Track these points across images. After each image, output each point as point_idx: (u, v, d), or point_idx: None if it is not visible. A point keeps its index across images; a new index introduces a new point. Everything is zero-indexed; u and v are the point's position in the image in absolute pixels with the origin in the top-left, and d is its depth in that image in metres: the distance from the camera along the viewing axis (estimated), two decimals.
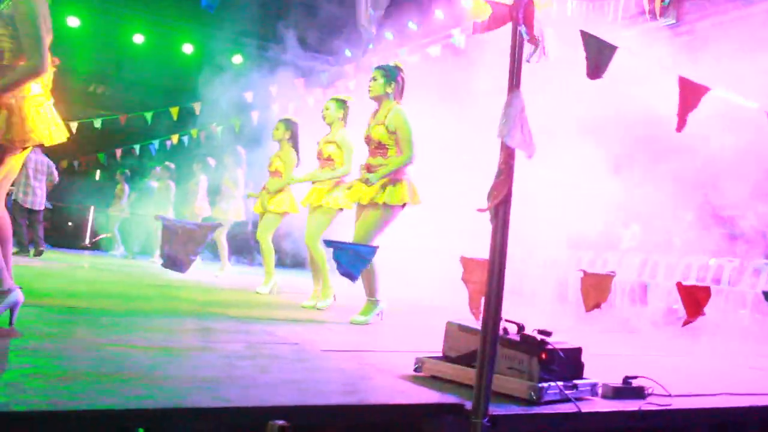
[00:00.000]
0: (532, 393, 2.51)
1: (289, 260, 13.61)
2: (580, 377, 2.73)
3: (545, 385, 2.53)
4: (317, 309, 5.34)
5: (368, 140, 4.75)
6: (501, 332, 2.71)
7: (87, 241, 14.00)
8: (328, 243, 4.34)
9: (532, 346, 2.61)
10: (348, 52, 13.87)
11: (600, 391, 2.78)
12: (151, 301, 4.98)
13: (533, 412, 2.43)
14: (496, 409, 2.36)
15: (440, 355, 2.92)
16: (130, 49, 15.03)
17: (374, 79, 4.79)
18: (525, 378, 2.59)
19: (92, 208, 14.39)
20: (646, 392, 2.83)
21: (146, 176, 12.66)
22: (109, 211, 13.01)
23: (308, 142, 6.58)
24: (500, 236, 2.28)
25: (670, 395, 2.85)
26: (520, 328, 2.77)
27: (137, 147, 14.29)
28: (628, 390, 2.79)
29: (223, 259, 9.09)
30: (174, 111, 13.01)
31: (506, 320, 2.80)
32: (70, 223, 15.47)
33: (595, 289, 2.74)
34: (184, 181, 10.94)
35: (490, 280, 2.27)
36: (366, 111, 4.98)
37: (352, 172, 5.36)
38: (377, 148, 4.70)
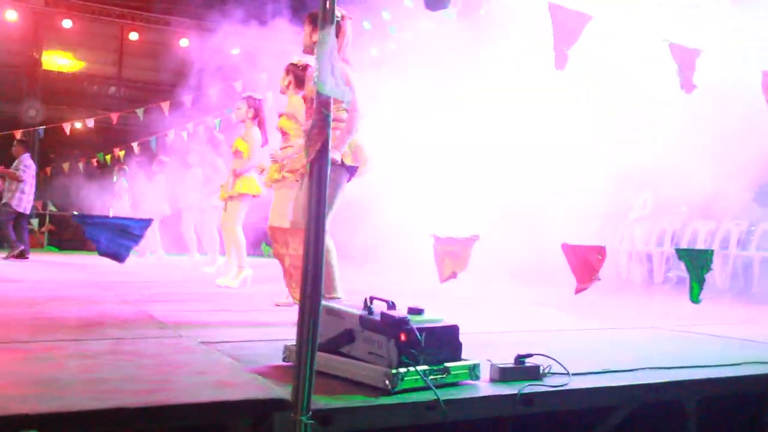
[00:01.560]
0: (387, 381, 2.16)
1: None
2: (458, 359, 2.37)
3: (403, 370, 2.18)
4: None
5: (307, 101, 4.26)
6: (364, 311, 2.38)
7: None
8: (78, 218, 3.83)
9: (390, 326, 2.25)
10: None
11: (488, 373, 2.43)
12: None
13: (379, 403, 2.08)
14: (333, 403, 2.03)
15: None
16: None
17: (304, 30, 4.36)
18: (384, 363, 2.24)
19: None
20: (542, 372, 2.46)
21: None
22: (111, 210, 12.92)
23: None
24: (316, 198, 1.94)
25: (568, 374, 2.48)
26: (390, 305, 2.42)
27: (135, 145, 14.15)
28: (518, 371, 2.42)
29: (209, 253, 8.92)
30: (165, 106, 12.82)
31: (375, 297, 2.46)
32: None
33: (452, 257, 2.37)
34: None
35: (306, 251, 1.93)
36: None
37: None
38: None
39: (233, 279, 6.17)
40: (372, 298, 2.47)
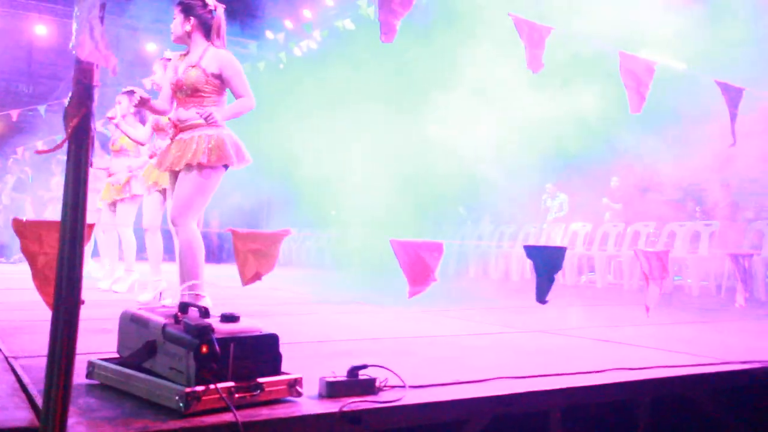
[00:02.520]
0: (179, 401, 1.85)
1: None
2: (277, 372, 2.08)
3: (201, 388, 1.87)
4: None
5: (179, 87, 3.89)
6: (170, 320, 2.07)
7: None
8: None
9: (189, 336, 1.94)
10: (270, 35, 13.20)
11: (316, 388, 2.14)
12: None
13: (166, 428, 1.77)
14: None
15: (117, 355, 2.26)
16: None
17: (174, 18, 4.06)
18: (182, 380, 1.93)
19: None
20: (377, 385, 2.19)
21: None
22: None
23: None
24: (73, 181, 1.62)
25: (404, 386, 2.22)
26: (203, 312, 2.11)
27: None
28: (349, 384, 2.14)
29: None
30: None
31: (191, 304, 2.15)
32: None
33: (257, 256, 2.08)
34: None
35: (62, 247, 1.61)
36: None
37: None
38: (191, 95, 3.84)
39: (122, 283, 5.81)
40: (187, 305, 2.16)
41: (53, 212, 10.61)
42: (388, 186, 11.50)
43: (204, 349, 1.91)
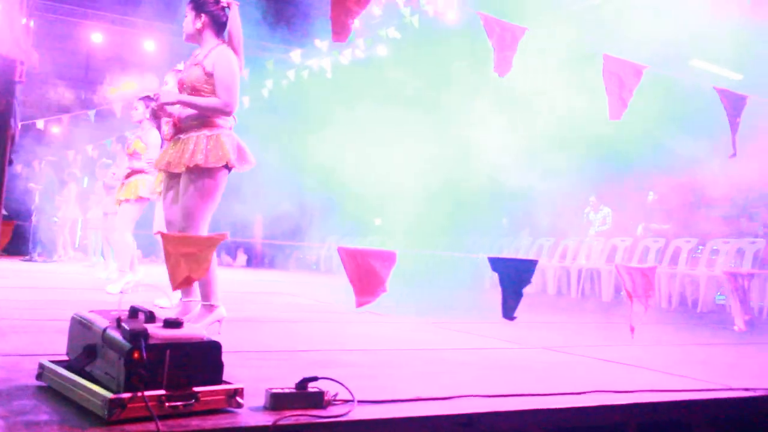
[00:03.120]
0: (104, 408, 1.80)
1: None
2: (217, 382, 2.01)
3: (127, 396, 1.82)
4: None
5: (180, 86, 3.84)
6: (112, 323, 2.03)
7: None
8: None
9: (123, 341, 1.89)
10: None
11: (264, 400, 2.07)
12: None
13: None
14: None
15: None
16: None
17: (185, 16, 4.05)
18: (114, 386, 1.88)
19: None
20: (327, 399, 2.10)
21: None
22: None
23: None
24: None
25: (353, 401, 2.12)
26: (148, 317, 2.06)
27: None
28: (295, 397, 2.06)
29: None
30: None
31: (138, 307, 2.11)
32: None
33: (189, 260, 2.01)
34: None
35: None
36: None
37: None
38: (191, 95, 3.73)
39: (114, 284, 5.84)
40: (137, 309, 2.12)
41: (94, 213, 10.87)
42: (430, 196, 11.41)
43: (136, 355, 1.86)
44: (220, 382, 2.02)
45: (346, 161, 11.87)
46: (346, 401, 2.13)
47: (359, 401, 2.12)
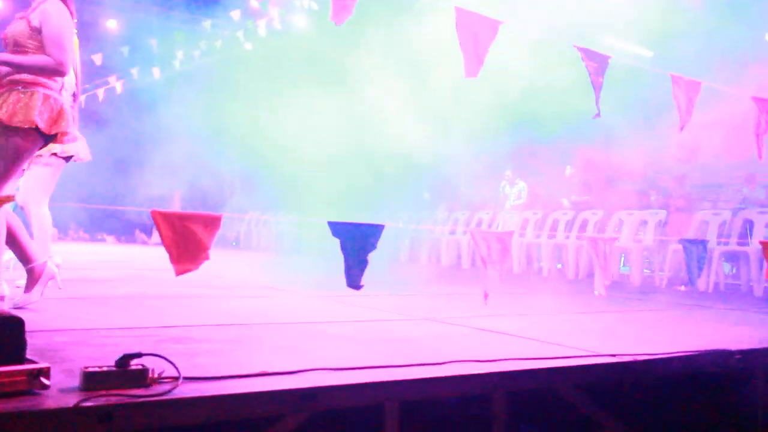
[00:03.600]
0: None
1: None
2: (20, 362, 1.81)
3: None
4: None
5: (4, 41, 3.50)
6: None
7: None
8: None
9: None
10: None
11: (76, 379, 1.88)
12: None
13: None
14: None
15: None
16: None
17: None
18: None
19: None
20: (151, 377, 1.93)
21: None
22: None
23: None
24: None
25: (179, 378, 1.96)
26: None
27: None
28: (113, 376, 1.88)
29: None
30: None
31: None
32: None
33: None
34: None
35: None
36: None
37: None
38: (13, 50, 3.43)
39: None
40: None
41: None
42: (350, 168, 11.24)
43: None
44: (23, 361, 1.82)
45: (265, 133, 11.57)
46: (174, 379, 1.97)
47: (185, 378, 1.96)
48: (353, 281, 2.21)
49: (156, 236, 15.83)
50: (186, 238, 1.86)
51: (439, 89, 9.20)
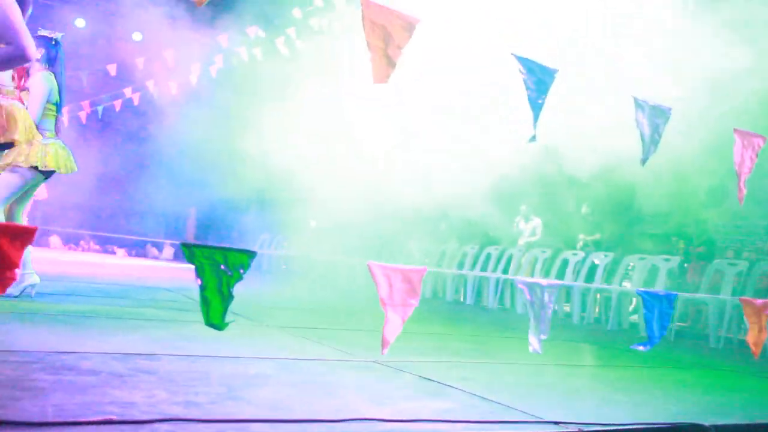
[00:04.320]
0: None
1: None
2: None
3: None
4: None
5: None
6: None
7: None
8: None
9: None
10: None
11: None
12: None
13: None
14: None
15: None
16: None
17: None
18: None
19: None
20: None
21: None
22: None
23: None
24: None
25: None
26: None
27: None
28: None
29: None
30: None
31: None
32: None
33: None
34: None
35: None
36: None
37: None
38: None
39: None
40: None
41: None
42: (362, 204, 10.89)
43: None
44: None
45: (282, 155, 11.32)
46: None
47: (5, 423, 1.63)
48: (214, 318, 1.86)
49: (167, 251, 15.71)
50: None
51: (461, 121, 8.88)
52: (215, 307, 1.85)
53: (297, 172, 11.18)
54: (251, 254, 1.86)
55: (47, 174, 4.69)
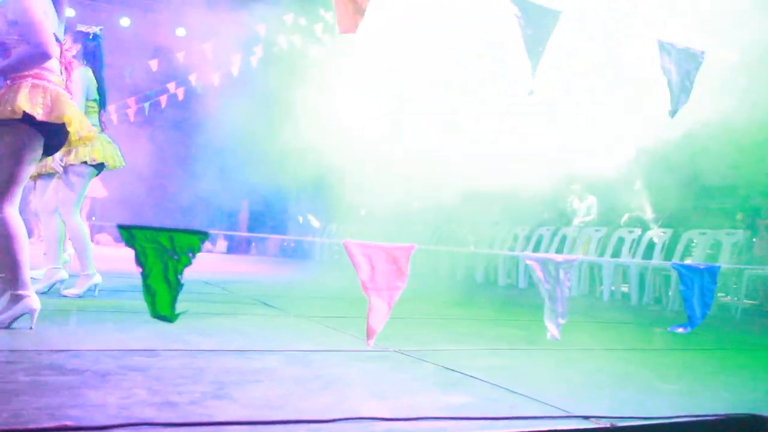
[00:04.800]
0: None
1: None
2: None
3: None
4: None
5: None
6: None
7: None
8: None
9: None
10: None
11: None
12: None
13: None
14: None
15: None
16: None
17: None
18: None
19: None
20: None
21: None
22: None
23: None
24: None
25: None
26: None
27: None
28: None
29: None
30: None
31: None
32: None
33: None
34: None
35: None
36: None
37: None
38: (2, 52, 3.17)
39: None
40: None
41: None
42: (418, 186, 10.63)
43: None
44: None
45: (332, 143, 11.12)
46: None
47: None
48: (161, 309, 1.64)
49: (221, 244, 15.78)
50: None
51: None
52: (162, 296, 1.64)
53: (347, 159, 10.96)
54: (202, 235, 1.64)
55: (99, 168, 4.65)
